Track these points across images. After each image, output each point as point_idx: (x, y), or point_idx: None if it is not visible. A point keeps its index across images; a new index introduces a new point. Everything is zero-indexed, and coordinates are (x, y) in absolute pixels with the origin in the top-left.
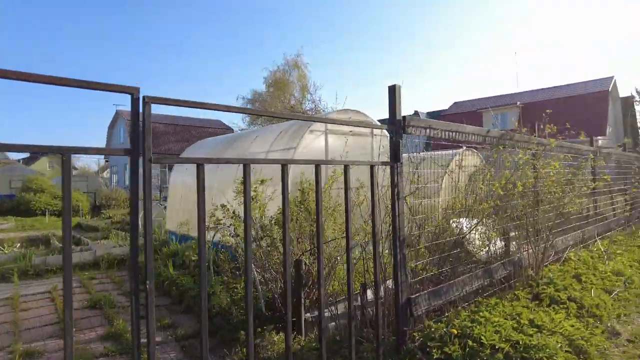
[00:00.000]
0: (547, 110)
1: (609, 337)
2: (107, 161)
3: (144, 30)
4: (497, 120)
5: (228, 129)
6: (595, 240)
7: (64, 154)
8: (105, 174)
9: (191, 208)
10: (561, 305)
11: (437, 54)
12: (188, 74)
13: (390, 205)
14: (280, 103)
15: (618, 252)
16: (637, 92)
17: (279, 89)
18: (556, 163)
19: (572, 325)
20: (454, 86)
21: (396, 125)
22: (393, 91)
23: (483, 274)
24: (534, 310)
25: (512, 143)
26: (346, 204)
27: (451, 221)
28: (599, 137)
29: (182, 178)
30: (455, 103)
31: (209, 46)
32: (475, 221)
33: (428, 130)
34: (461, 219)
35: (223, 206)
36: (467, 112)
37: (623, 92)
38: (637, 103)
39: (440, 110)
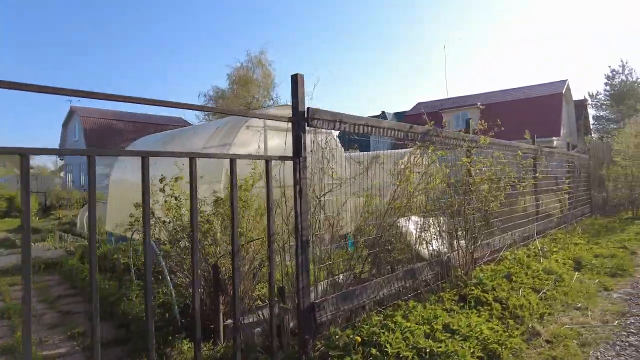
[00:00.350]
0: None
1: (528, 338)
2: (62, 159)
3: (144, 31)
4: (458, 120)
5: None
6: (534, 239)
7: None
8: (62, 174)
9: (132, 207)
10: (485, 307)
11: (437, 55)
12: (188, 74)
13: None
14: (243, 100)
15: (554, 250)
16: (589, 95)
17: (242, 86)
18: (488, 160)
19: (491, 328)
20: (454, 85)
21: (298, 117)
22: (295, 81)
23: (404, 275)
24: (457, 312)
25: (441, 140)
26: (232, 203)
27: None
28: (554, 138)
29: (122, 176)
30: (418, 103)
31: (209, 46)
32: (395, 219)
33: (338, 124)
34: (410, 217)
35: (137, 205)
36: (429, 113)
37: (576, 95)
38: (590, 106)
39: (405, 111)
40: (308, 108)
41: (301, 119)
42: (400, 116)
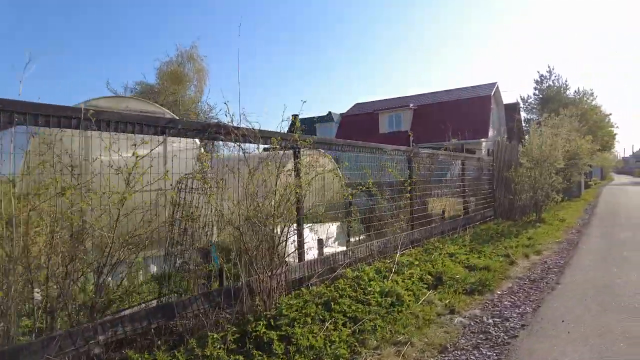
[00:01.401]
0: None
1: None
2: None
3: (144, 31)
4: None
5: None
6: (397, 251)
7: None
8: None
9: None
10: (263, 351)
11: (436, 54)
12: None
13: None
14: (172, 96)
15: (416, 263)
16: (521, 98)
17: (173, 81)
18: (306, 168)
19: None
20: (454, 84)
21: None
22: None
23: (153, 313)
24: None
25: (235, 138)
26: None
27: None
28: (482, 139)
29: None
30: (356, 104)
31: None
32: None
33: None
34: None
35: None
36: (366, 113)
37: (507, 99)
38: (522, 109)
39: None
40: None
41: None
42: None
